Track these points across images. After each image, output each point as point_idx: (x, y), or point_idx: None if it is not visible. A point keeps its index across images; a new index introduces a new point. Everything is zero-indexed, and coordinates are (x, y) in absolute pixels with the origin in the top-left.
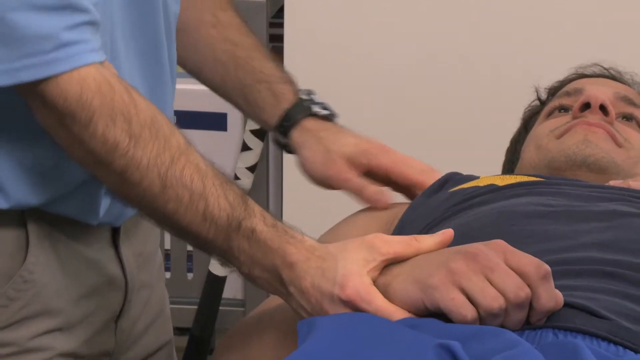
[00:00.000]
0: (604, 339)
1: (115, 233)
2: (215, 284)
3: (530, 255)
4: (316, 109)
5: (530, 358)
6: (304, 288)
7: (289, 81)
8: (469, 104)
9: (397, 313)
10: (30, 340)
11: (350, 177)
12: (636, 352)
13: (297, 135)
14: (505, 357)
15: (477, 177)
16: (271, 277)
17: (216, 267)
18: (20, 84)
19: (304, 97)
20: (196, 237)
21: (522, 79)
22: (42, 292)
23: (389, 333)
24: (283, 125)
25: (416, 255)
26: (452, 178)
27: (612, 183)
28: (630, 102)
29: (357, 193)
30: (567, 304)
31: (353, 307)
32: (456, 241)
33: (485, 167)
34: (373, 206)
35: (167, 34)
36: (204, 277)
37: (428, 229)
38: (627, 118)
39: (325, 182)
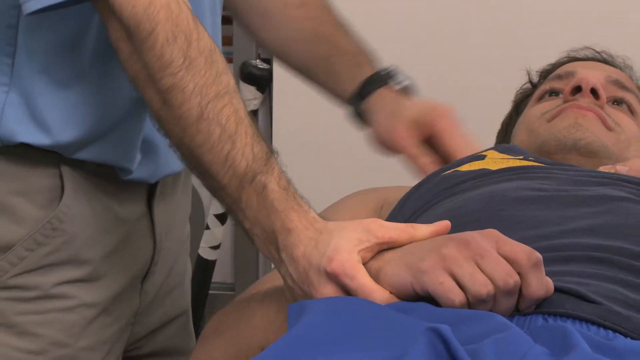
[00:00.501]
0: (593, 323)
1: (150, 195)
2: (205, 267)
3: (522, 244)
4: (395, 80)
5: (520, 341)
6: (295, 256)
7: (370, 55)
8: (460, 87)
9: (379, 292)
10: (55, 286)
11: (408, 144)
12: (626, 336)
13: (370, 102)
14: (495, 340)
15: (474, 158)
16: (268, 239)
17: (206, 251)
18: None
19: (386, 70)
20: (213, 178)
21: (514, 61)
22: (71, 241)
23: (380, 317)
24: (360, 93)
25: (410, 242)
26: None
27: (602, 168)
28: (621, 85)
29: (411, 160)
30: (557, 289)
31: (337, 281)
32: None
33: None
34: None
35: (211, 9)
36: (193, 261)
37: (420, 212)
38: (618, 102)
39: (387, 146)
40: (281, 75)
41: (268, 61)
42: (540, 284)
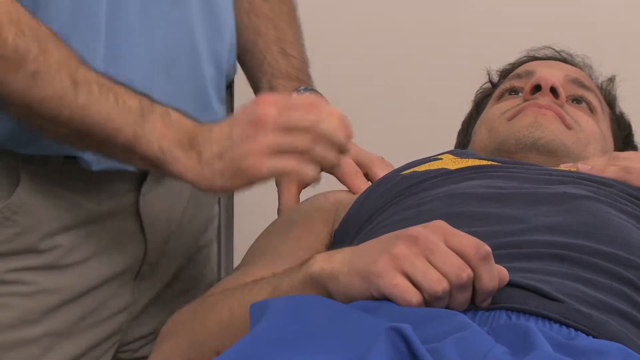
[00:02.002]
0: (556, 321)
1: (137, 194)
2: None
3: (470, 236)
4: None
5: (481, 341)
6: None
7: (295, 78)
8: (420, 86)
9: None
10: (8, 272)
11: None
12: (587, 334)
13: None
14: (456, 339)
15: (430, 160)
16: (182, 139)
17: None
18: None
19: (296, 92)
20: (102, 125)
21: (474, 60)
22: (26, 233)
23: (342, 317)
24: None
25: None
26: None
27: (562, 167)
28: (581, 84)
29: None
30: (520, 286)
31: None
32: (407, 224)
33: (436, 149)
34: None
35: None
36: None
37: (380, 212)
38: (578, 100)
39: None
40: (242, 75)
41: None
42: (491, 276)
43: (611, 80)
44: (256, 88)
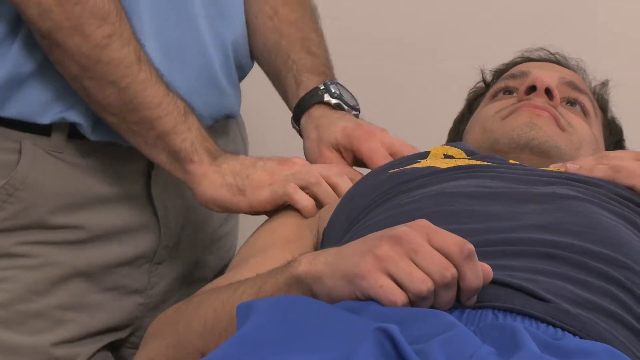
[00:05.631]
0: (542, 320)
1: (148, 178)
2: None
3: (453, 234)
4: (327, 97)
5: (467, 341)
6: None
7: (320, 73)
8: (412, 85)
9: None
10: (15, 245)
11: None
12: (574, 334)
13: (303, 122)
14: (443, 340)
15: (418, 161)
16: (210, 148)
17: None
18: None
19: (322, 86)
20: (151, 107)
21: (467, 60)
22: (31, 208)
23: (328, 317)
24: (296, 111)
25: None
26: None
27: (551, 167)
28: (575, 87)
29: None
30: (507, 284)
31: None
32: (396, 221)
33: (428, 147)
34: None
35: None
36: None
37: (369, 210)
38: (572, 103)
39: None
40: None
41: None
42: (475, 275)
43: (604, 84)
44: (281, 86)
